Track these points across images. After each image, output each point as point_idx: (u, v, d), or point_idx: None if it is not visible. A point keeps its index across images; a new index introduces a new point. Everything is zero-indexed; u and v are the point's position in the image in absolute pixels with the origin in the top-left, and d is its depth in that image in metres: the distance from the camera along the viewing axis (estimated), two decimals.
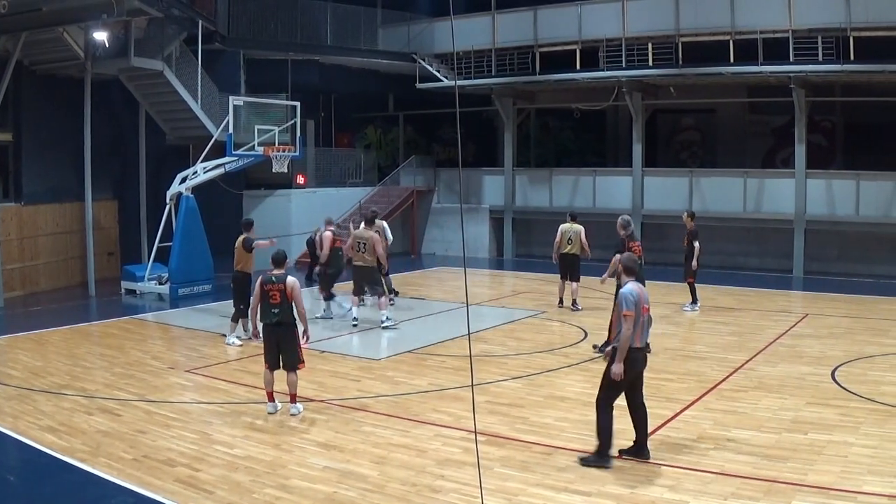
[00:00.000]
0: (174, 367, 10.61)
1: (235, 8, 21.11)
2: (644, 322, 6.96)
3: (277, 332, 8.38)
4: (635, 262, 7.35)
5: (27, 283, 17.00)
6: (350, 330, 12.83)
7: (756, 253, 20.64)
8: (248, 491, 6.45)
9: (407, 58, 23.23)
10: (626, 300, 6.87)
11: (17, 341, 12.25)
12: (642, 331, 6.96)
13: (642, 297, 6.96)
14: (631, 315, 6.82)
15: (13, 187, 17.31)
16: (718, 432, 7.72)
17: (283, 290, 8.27)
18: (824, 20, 17.36)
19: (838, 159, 21.93)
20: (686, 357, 10.91)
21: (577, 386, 9.52)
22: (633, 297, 6.89)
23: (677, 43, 19.19)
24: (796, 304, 15.88)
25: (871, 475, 6.53)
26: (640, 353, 6.99)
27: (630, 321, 6.81)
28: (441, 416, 8.40)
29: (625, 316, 6.82)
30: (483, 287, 18.35)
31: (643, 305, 6.95)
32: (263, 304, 8.38)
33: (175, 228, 16.64)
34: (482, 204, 23.82)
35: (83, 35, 16.35)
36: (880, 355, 10.77)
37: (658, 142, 24.86)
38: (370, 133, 26.97)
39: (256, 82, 21.54)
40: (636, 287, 7.03)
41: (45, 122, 17.57)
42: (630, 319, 6.81)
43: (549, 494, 6.34)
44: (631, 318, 6.81)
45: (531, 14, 21.55)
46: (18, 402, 8.91)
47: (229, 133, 16.16)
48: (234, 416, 8.49)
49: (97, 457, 7.19)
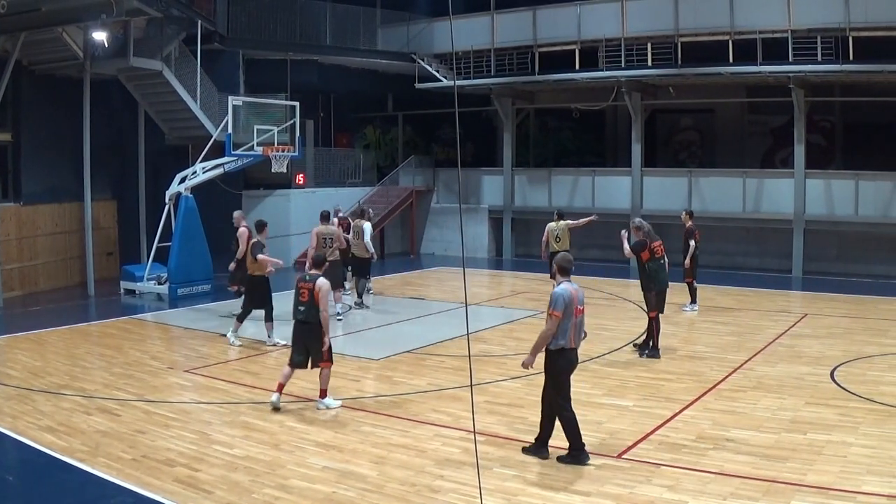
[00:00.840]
0: (173, 367, 10.61)
1: (234, 8, 21.08)
2: (577, 323, 6.97)
3: (304, 329, 8.62)
4: (570, 262, 7.29)
5: (26, 283, 16.99)
6: (346, 330, 12.83)
7: (755, 253, 20.64)
8: (247, 491, 6.45)
9: (406, 58, 23.22)
10: (556, 301, 6.90)
11: (17, 341, 12.24)
12: (576, 331, 6.98)
13: (575, 299, 6.97)
14: (558, 315, 6.85)
15: (12, 187, 17.31)
16: (717, 432, 7.72)
17: (311, 289, 8.51)
18: (823, 20, 17.36)
19: (837, 159, 21.94)
20: (685, 357, 10.91)
21: (577, 386, 9.44)
22: (564, 298, 6.91)
23: (676, 43, 19.18)
24: (795, 304, 15.89)
25: (871, 475, 6.54)
26: (573, 353, 7.04)
27: (555, 321, 6.85)
28: (440, 416, 8.41)
29: (551, 314, 6.88)
30: (482, 287, 18.35)
31: (577, 307, 6.97)
32: (294, 300, 8.66)
33: (174, 228, 16.64)
34: (481, 204, 23.82)
35: (82, 35, 16.34)
36: (879, 355, 10.78)
37: (657, 142, 24.85)
38: (369, 133, 26.96)
39: (255, 82, 21.53)
40: (570, 288, 7.02)
41: (44, 122, 17.56)
42: (555, 319, 6.85)
43: (549, 494, 6.35)
44: (556, 319, 6.85)
45: (530, 14, 21.54)
46: (17, 402, 8.91)
47: (228, 133, 16.15)
48: (234, 416, 8.49)
49: (96, 457, 7.19)
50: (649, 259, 10.80)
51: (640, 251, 10.81)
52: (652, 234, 11.09)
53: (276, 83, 21.49)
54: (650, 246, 10.82)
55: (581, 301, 7.08)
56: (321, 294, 8.47)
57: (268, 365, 10.74)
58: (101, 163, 17.97)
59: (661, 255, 10.96)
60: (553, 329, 6.87)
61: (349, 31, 23.50)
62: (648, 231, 11.05)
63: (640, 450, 7.30)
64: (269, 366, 10.69)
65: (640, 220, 11.32)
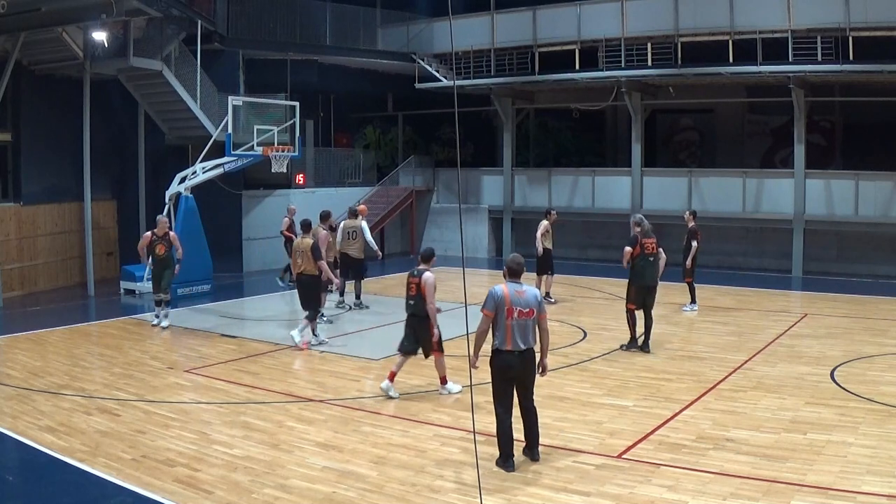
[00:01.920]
0: (173, 367, 10.61)
1: (234, 8, 21.09)
2: (514, 325, 6.75)
3: (414, 322, 9.09)
4: (518, 263, 7.08)
5: (26, 283, 17.00)
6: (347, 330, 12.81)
7: (755, 253, 20.64)
8: (247, 491, 6.45)
9: (406, 58, 23.22)
10: (486, 300, 6.83)
11: (16, 341, 12.25)
12: (512, 333, 6.75)
13: (508, 298, 6.77)
14: (486, 314, 6.80)
15: (12, 187, 17.32)
16: (717, 432, 7.72)
17: (418, 283, 8.93)
18: (823, 20, 17.36)
19: (837, 159, 21.95)
20: (685, 357, 10.91)
21: (577, 386, 9.52)
22: (494, 298, 6.80)
23: (676, 43, 19.19)
24: (795, 304, 15.89)
25: (870, 475, 6.54)
26: (512, 356, 6.78)
27: (486, 320, 6.81)
28: (440, 416, 8.41)
29: (482, 313, 6.84)
30: (482, 287, 18.21)
31: (519, 308, 6.76)
32: (406, 294, 9.17)
33: (174, 228, 16.61)
34: (481, 204, 23.82)
35: (82, 35, 16.35)
36: (879, 355, 10.78)
37: (657, 142, 24.87)
38: (369, 133, 26.96)
39: (255, 82, 21.54)
40: (506, 288, 6.86)
41: (44, 122, 17.57)
42: (486, 319, 6.81)
43: (548, 494, 6.34)
44: (487, 318, 6.80)
45: (530, 14, 21.54)
46: (17, 402, 8.91)
47: (228, 133, 16.15)
48: (234, 415, 8.50)
49: (96, 457, 7.19)
50: (639, 255, 11.09)
51: (632, 245, 11.11)
52: (648, 232, 11.31)
53: (276, 83, 21.49)
54: (641, 241, 11.09)
55: (525, 304, 6.80)
56: (426, 288, 8.83)
57: (267, 365, 10.74)
58: (100, 163, 17.98)
59: (651, 252, 11.14)
60: (483, 328, 6.83)
61: (349, 31, 23.49)
62: (647, 230, 11.30)
63: (640, 450, 7.30)
64: (268, 366, 10.69)
65: (641, 217, 11.53)
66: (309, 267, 11.45)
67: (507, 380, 6.87)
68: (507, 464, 6.86)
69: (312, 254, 11.38)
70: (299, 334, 11.57)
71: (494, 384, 6.95)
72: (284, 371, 10.46)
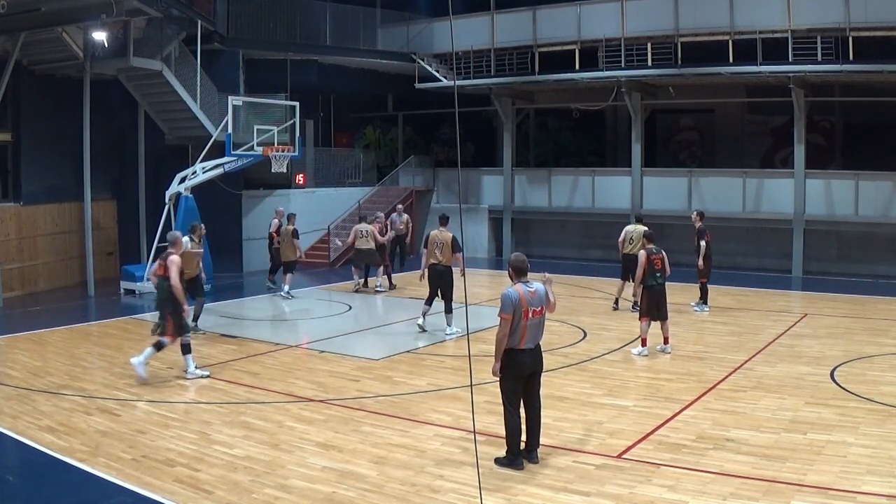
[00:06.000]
0: (173, 368, 10.60)
1: (234, 8, 21.08)
2: (529, 325, 6.82)
3: (662, 292, 10.87)
4: (523, 262, 7.12)
5: (26, 283, 17.00)
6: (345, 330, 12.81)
7: (755, 253, 20.64)
8: (247, 491, 6.45)
9: (406, 58, 23.22)
10: (504, 304, 6.82)
11: (16, 341, 12.24)
12: (529, 333, 6.84)
13: (524, 300, 6.82)
14: (506, 318, 6.78)
15: (12, 187, 17.32)
16: (717, 432, 7.72)
17: (663, 258, 10.94)
18: (823, 20, 17.36)
19: (837, 159, 21.94)
20: (685, 357, 10.91)
21: (577, 386, 9.52)
22: (512, 300, 6.81)
23: (676, 43, 19.18)
24: (795, 304, 15.89)
25: (871, 475, 6.54)
26: (525, 354, 6.88)
27: (506, 324, 6.78)
28: (440, 416, 8.41)
29: (500, 317, 6.81)
30: (482, 287, 18.31)
31: (533, 308, 6.84)
32: (649, 269, 10.82)
33: (174, 228, 16.61)
34: (481, 204, 23.82)
35: (82, 35, 16.34)
36: (879, 355, 10.78)
37: (657, 142, 24.86)
38: (369, 133, 26.96)
39: (255, 82, 21.53)
40: (520, 290, 6.90)
41: (44, 122, 17.56)
42: (506, 322, 6.78)
43: (548, 494, 6.34)
44: (507, 321, 6.78)
45: (530, 14, 21.54)
46: (17, 402, 8.90)
47: (228, 133, 16.16)
48: (234, 415, 8.49)
49: (96, 457, 7.19)
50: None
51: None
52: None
53: (276, 83, 21.49)
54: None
55: (538, 302, 6.90)
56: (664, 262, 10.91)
57: (267, 365, 10.74)
58: (100, 163, 17.97)
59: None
60: (505, 332, 6.81)
61: (349, 31, 23.49)
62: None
63: (640, 450, 7.30)
64: (268, 366, 10.69)
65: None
66: (446, 259, 12.35)
67: (520, 378, 6.94)
68: (517, 462, 6.87)
69: (452, 246, 12.48)
70: (449, 328, 12.39)
71: (508, 383, 6.97)
72: (284, 371, 10.46)
